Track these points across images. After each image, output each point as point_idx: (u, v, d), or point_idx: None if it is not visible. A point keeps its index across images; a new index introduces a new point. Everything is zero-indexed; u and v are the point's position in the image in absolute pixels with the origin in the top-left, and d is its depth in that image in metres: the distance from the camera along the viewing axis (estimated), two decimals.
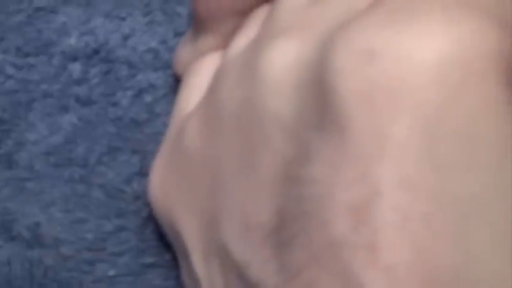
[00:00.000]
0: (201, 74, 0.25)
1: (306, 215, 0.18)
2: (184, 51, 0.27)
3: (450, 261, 0.17)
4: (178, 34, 0.28)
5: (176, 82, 0.28)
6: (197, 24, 0.25)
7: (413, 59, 0.17)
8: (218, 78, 0.23)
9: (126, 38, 0.28)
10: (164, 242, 0.27)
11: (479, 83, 0.17)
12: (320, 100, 0.18)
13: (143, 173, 0.28)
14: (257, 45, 0.22)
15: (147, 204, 0.27)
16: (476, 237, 0.17)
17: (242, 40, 0.23)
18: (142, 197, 0.28)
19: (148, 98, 0.28)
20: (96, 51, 0.28)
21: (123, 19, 0.28)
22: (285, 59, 0.20)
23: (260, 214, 0.20)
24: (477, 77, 0.17)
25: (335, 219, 0.17)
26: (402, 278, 0.17)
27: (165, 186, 0.25)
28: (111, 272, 0.27)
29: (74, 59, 0.28)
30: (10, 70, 0.28)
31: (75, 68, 0.28)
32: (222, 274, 0.22)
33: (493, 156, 0.17)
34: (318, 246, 0.18)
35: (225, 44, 0.25)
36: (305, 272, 0.18)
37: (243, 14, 0.24)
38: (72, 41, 0.28)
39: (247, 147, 0.21)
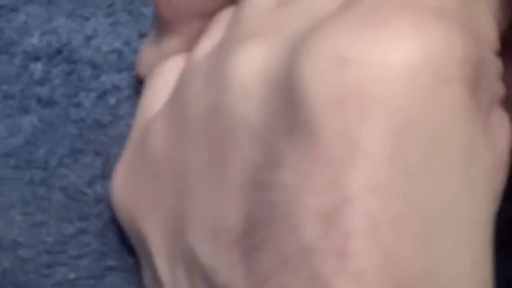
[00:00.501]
0: (165, 76, 0.25)
1: (275, 220, 0.18)
2: (147, 53, 0.26)
3: (416, 265, 0.17)
4: (142, 35, 0.28)
5: (140, 84, 0.28)
6: (160, 26, 0.25)
7: (383, 64, 0.17)
8: (183, 81, 0.23)
9: (89, 38, 0.28)
10: (126, 246, 0.27)
11: (446, 89, 0.17)
12: (289, 105, 0.18)
13: (106, 175, 0.27)
14: (224, 49, 0.22)
15: (110, 207, 0.27)
16: (440, 240, 0.17)
17: (207, 43, 0.23)
18: (104, 200, 0.27)
19: (112, 100, 0.28)
20: (58, 51, 0.28)
21: (87, 19, 0.28)
22: (252, 63, 0.20)
23: (228, 219, 0.20)
24: (445, 83, 0.17)
25: (305, 225, 0.17)
26: (371, 283, 0.17)
27: (128, 188, 0.24)
28: (72, 275, 0.27)
29: (36, 58, 0.28)
30: None
31: (37, 68, 0.28)
32: (187, 278, 0.22)
33: (457, 162, 0.18)
34: (287, 251, 0.18)
35: (189, 46, 0.25)
36: (274, 278, 0.18)
37: (207, 16, 0.24)
38: (34, 40, 0.28)
39: (215, 151, 0.21)
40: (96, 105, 0.28)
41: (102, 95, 0.28)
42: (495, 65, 0.19)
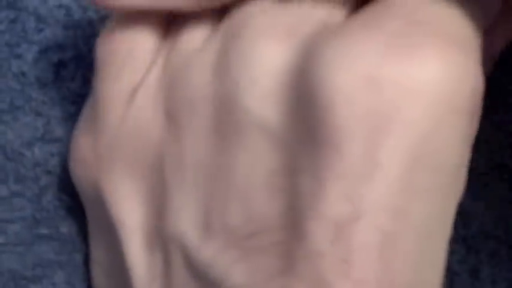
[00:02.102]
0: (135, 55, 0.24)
1: (287, 224, 0.19)
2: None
3: (408, 278, 0.19)
4: None
5: (85, 45, 0.26)
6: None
7: (409, 90, 0.19)
8: (179, 70, 0.22)
9: None
10: (61, 214, 0.26)
11: (457, 120, 0.19)
12: (312, 114, 0.19)
13: (46, 139, 0.26)
14: (232, 42, 0.21)
15: (47, 172, 0.26)
16: (425, 254, 0.20)
17: (199, 32, 0.22)
18: (42, 164, 0.26)
19: (54, 58, 0.26)
20: None
21: None
22: (269, 64, 0.20)
23: (229, 217, 0.20)
24: (457, 114, 0.19)
25: (316, 231, 0.19)
26: None
27: (100, 161, 0.23)
28: (0, 240, 0.25)
29: None
30: None
31: None
32: (163, 264, 0.22)
33: (451, 182, 0.20)
34: (295, 255, 0.19)
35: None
36: (278, 279, 0.19)
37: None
38: None
39: (220, 145, 0.21)
40: (38, 60, 0.26)
41: (45, 50, 0.26)
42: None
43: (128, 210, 0.22)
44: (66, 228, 0.26)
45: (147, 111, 0.22)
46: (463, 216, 0.25)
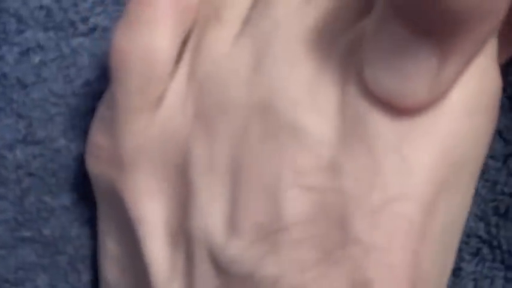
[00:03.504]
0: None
1: (321, 219, 0.20)
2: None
3: (429, 265, 0.20)
4: None
5: (67, 46, 0.26)
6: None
7: (445, 100, 0.20)
8: (208, 75, 0.22)
9: None
10: (43, 216, 0.26)
11: (478, 119, 0.20)
12: (351, 120, 0.20)
13: (28, 141, 0.26)
14: (267, 48, 0.22)
15: (29, 174, 0.26)
16: (444, 246, 0.21)
17: (223, 33, 0.23)
18: (24, 166, 0.26)
19: (35, 59, 0.26)
20: None
21: None
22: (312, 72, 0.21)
23: (257, 214, 0.21)
24: (478, 114, 0.20)
25: (354, 221, 0.20)
26: (400, 276, 0.20)
27: (121, 162, 0.23)
28: None
29: None
30: None
31: None
32: (187, 262, 0.22)
33: (468, 181, 0.21)
34: (331, 244, 0.20)
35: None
36: (314, 269, 0.20)
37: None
38: None
39: (249, 148, 0.21)
40: (19, 61, 0.26)
41: (26, 52, 0.26)
42: None
43: (149, 208, 0.23)
44: (49, 230, 0.26)
45: (174, 118, 0.23)
46: None
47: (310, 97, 0.21)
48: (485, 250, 0.25)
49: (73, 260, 0.26)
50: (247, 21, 0.23)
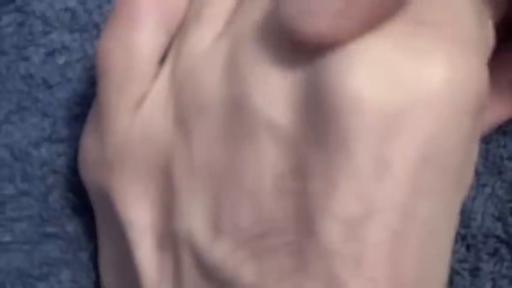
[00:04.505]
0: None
1: (298, 225, 0.19)
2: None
3: (415, 274, 0.19)
4: None
5: (91, 47, 0.27)
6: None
7: (416, 94, 0.19)
8: (187, 74, 0.22)
9: None
10: (67, 213, 0.26)
11: (463, 120, 0.20)
12: (322, 117, 0.19)
13: (52, 139, 0.26)
14: (243, 46, 0.21)
15: (54, 171, 0.26)
16: (430, 251, 0.20)
17: (205, 32, 0.22)
18: (49, 164, 0.26)
19: (60, 60, 0.27)
20: (11, 0, 0.26)
21: None
22: (286, 69, 0.20)
23: (238, 218, 0.20)
24: (462, 116, 0.19)
25: (329, 230, 0.19)
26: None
27: (108, 165, 0.23)
28: (7, 238, 0.25)
29: None
30: None
31: None
32: (174, 264, 0.22)
33: (455, 184, 0.20)
34: (308, 254, 0.19)
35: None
36: (290, 279, 0.19)
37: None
38: None
39: (230, 149, 0.21)
40: (45, 62, 0.26)
41: (51, 53, 0.27)
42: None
43: (137, 211, 0.23)
44: (72, 227, 0.26)
45: (156, 118, 0.23)
46: (464, 216, 0.26)
47: (282, 97, 0.20)
48: (504, 250, 0.25)
49: (95, 256, 0.26)
50: (229, 22, 0.22)
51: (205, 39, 0.22)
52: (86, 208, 0.26)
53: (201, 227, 0.21)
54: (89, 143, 0.24)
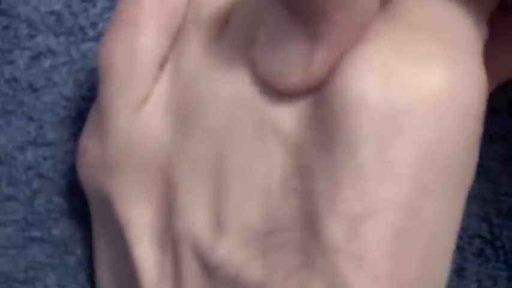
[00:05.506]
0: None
1: (304, 223, 0.20)
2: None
3: (418, 273, 0.20)
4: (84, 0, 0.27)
5: (76, 51, 0.27)
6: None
7: (416, 97, 0.19)
8: (189, 75, 0.23)
9: None
10: (53, 217, 0.26)
11: (465, 122, 0.20)
12: (328, 120, 0.20)
13: (38, 142, 0.26)
14: (245, 47, 0.21)
15: (39, 175, 0.26)
16: (434, 251, 0.20)
17: (204, 34, 0.23)
18: (34, 168, 0.26)
19: (46, 63, 0.26)
20: None
21: None
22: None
23: (244, 216, 0.21)
24: (465, 117, 0.20)
25: (332, 228, 0.19)
26: (383, 286, 0.19)
27: (108, 165, 0.23)
28: None
29: None
30: None
31: None
32: (174, 264, 0.22)
33: (458, 184, 0.21)
34: (312, 252, 0.19)
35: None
36: (296, 274, 0.20)
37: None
38: None
39: (234, 148, 0.21)
40: (30, 65, 0.26)
41: (37, 56, 0.26)
42: None
43: (137, 211, 0.23)
44: (58, 231, 0.26)
45: (157, 118, 0.23)
46: None
47: (288, 99, 0.20)
48: (489, 251, 0.26)
49: (82, 260, 0.26)
50: (230, 23, 0.22)
51: (206, 41, 0.23)
52: (72, 212, 0.26)
53: (204, 225, 0.21)
54: (88, 144, 0.24)
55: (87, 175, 0.24)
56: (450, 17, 0.20)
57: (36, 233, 0.26)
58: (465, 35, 0.20)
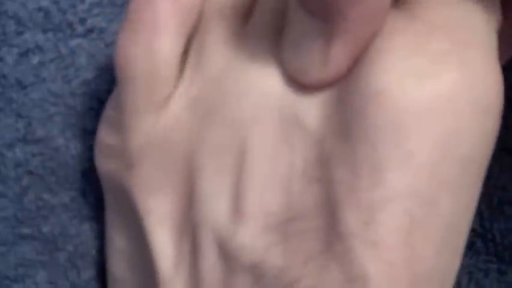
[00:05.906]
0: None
1: (324, 211, 0.20)
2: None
3: (433, 264, 0.20)
4: None
5: (65, 47, 0.27)
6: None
7: (435, 95, 0.20)
8: (218, 67, 0.23)
9: None
10: (42, 214, 0.26)
11: (481, 118, 0.20)
12: (350, 114, 0.21)
13: (27, 139, 0.26)
14: (269, 42, 0.22)
15: (29, 172, 0.26)
16: (449, 244, 0.21)
17: (228, 29, 0.23)
18: (23, 165, 0.26)
19: (34, 60, 0.26)
20: None
21: None
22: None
23: (266, 203, 0.21)
24: (481, 113, 0.20)
25: (351, 215, 0.20)
26: (399, 273, 0.20)
27: (128, 157, 0.23)
28: None
29: None
30: None
31: None
32: (192, 251, 0.22)
33: (474, 178, 0.21)
34: (332, 237, 0.20)
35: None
36: (315, 260, 0.20)
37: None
38: None
39: (257, 138, 0.22)
40: (18, 62, 0.26)
41: (25, 53, 0.26)
42: None
43: (157, 202, 0.23)
44: (48, 227, 0.26)
45: (181, 116, 0.23)
46: None
47: (310, 92, 0.21)
48: (479, 244, 0.26)
49: (72, 257, 0.26)
50: (252, 18, 0.23)
51: (230, 32, 0.23)
52: (62, 208, 0.26)
53: (225, 211, 0.22)
54: (108, 140, 0.24)
55: (106, 168, 0.24)
56: (466, 15, 0.21)
57: (26, 230, 0.26)
58: (481, 33, 0.21)
